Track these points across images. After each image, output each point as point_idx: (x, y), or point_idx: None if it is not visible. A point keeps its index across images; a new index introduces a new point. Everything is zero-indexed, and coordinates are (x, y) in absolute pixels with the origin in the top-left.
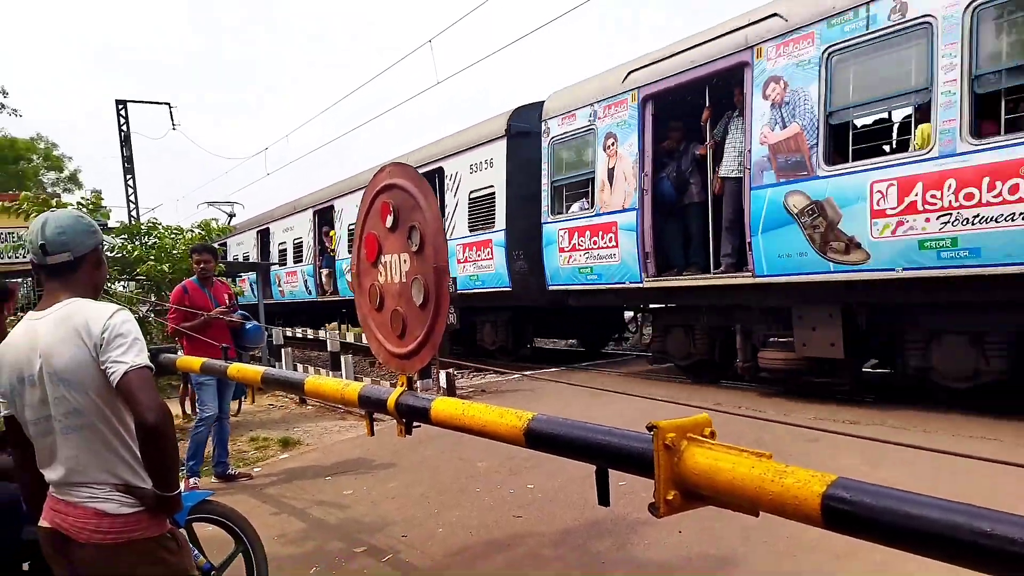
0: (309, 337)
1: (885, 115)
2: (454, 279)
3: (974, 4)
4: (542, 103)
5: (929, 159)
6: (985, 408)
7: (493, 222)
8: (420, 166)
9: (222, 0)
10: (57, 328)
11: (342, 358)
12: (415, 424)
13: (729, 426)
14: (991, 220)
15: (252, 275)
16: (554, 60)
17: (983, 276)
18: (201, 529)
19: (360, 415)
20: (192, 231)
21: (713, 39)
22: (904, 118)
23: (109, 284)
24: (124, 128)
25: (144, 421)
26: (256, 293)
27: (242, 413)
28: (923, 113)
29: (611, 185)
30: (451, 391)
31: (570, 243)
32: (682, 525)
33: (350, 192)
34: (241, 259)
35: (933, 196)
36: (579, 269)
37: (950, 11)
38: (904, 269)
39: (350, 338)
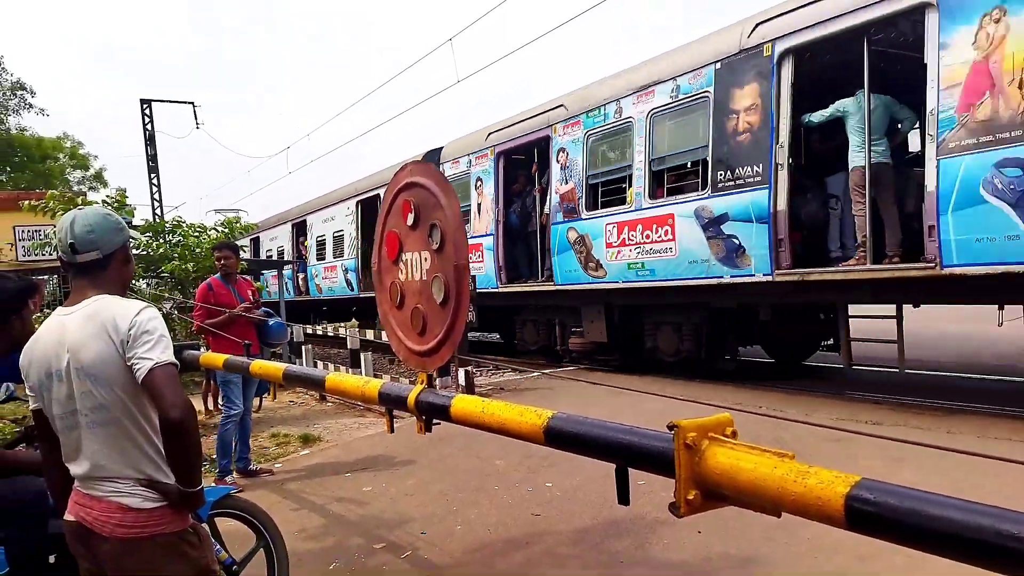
0: (329, 334)
1: (615, 179)
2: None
3: (650, 112)
4: (441, 148)
5: (631, 211)
6: (1010, 411)
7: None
8: (371, 189)
9: (222, 0)
10: (85, 324)
11: (362, 355)
12: (435, 422)
13: (749, 426)
14: (656, 252)
15: (288, 271)
16: (581, 53)
17: (658, 288)
18: (223, 524)
19: (379, 412)
20: (215, 229)
21: (534, 116)
22: (622, 182)
23: (133, 281)
24: (148, 127)
25: (168, 417)
26: (286, 290)
27: (263, 409)
28: (629, 180)
29: (479, 215)
30: (470, 389)
31: None
32: (702, 525)
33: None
34: (276, 254)
35: (632, 234)
36: None
37: (639, 115)
38: (623, 281)
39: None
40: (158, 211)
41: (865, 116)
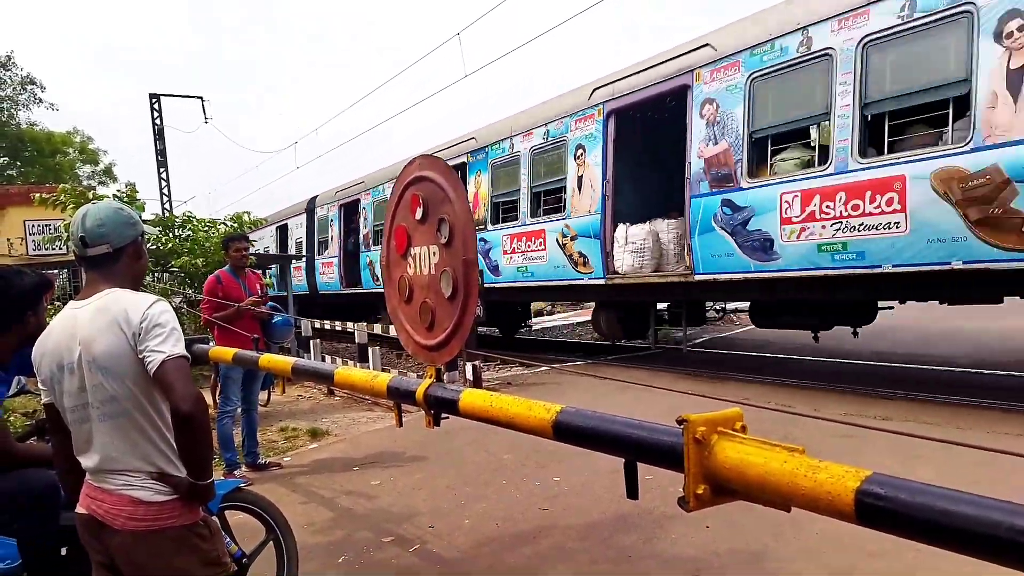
0: (337, 329)
1: (510, 200)
2: (481, 272)
3: (531, 148)
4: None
5: (519, 226)
6: (1021, 407)
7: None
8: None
9: (222, 0)
10: (97, 317)
11: (370, 350)
12: (443, 416)
13: (758, 421)
14: (534, 259)
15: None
16: (581, 53)
17: (535, 287)
18: (232, 517)
19: (387, 407)
20: (224, 224)
21: (455, 144)
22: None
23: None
24: (158, 122)
25: (179, 410)
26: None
27: (272, 404)
28: (518, 204)
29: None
30: (477, 383)
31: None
32: (710, 520)
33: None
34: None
35: (519, 243)
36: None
37: (524, 150)
38: (514, 281)
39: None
40: (167, 206)
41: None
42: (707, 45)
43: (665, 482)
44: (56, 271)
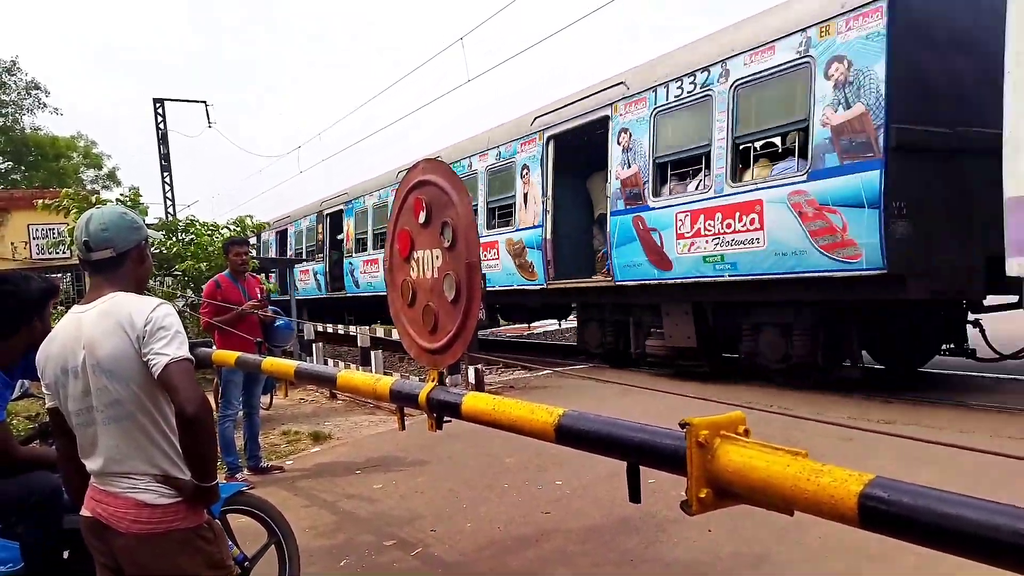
0: (340, 333)
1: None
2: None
3: (487, 167)
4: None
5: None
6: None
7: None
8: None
9: (222, 0)
10: (101, 320)
11: (372, 353)
12: (446, 419)
13: (761, 425)
14: (491, 266)
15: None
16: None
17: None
18: (234, 520)
19: (390, 410)
20: (227, 228)
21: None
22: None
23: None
24: (161, 126)
25: (184, 412)
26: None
27: (274, 407)
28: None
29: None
30: (480, 387)
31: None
32: (712, 524)
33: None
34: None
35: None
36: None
37: (480, 168)
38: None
39: None
40: (171, 210)
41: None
42: (622, 83)
43: (667, 486)
44: (60, 275)
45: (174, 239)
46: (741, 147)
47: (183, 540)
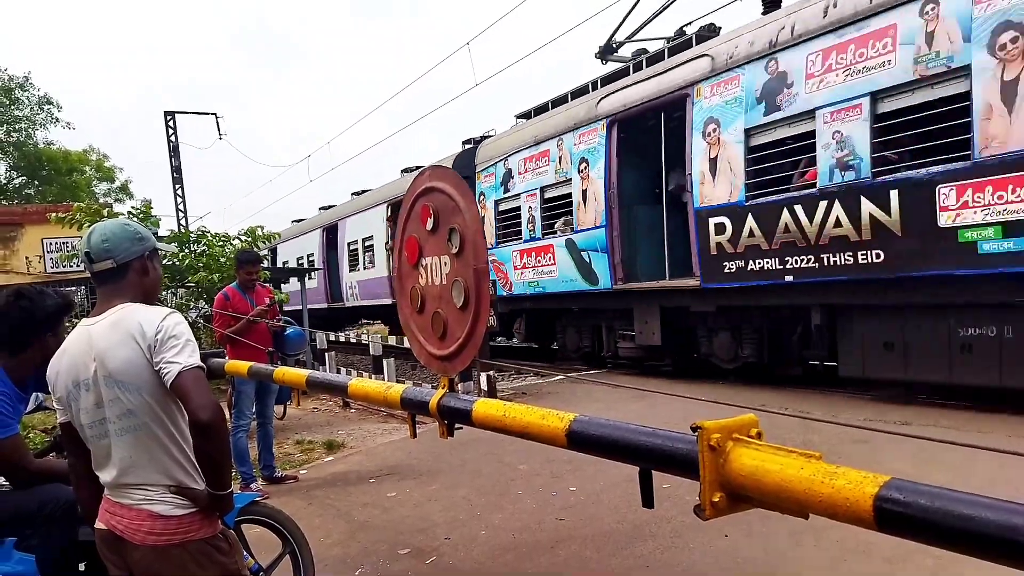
0: (352, 341)
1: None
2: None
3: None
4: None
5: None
6: None
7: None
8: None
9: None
10: (111, 332)
11: (384, 362)
12: (457, 426)
13: (774, 428)
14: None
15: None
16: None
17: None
18: (249, 530)
19: (402, 418)
20: (239, 239)
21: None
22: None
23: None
24: (172, 139)
25: (198, 419)
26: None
27: (288, 416)
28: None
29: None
30: (492, 393)
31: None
32: (728, 528)
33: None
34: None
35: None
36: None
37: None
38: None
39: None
40: (183, 222)
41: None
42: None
43: (681, 491)
44: (74, 288)
45: (186, 251)
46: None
47: (198, 551)
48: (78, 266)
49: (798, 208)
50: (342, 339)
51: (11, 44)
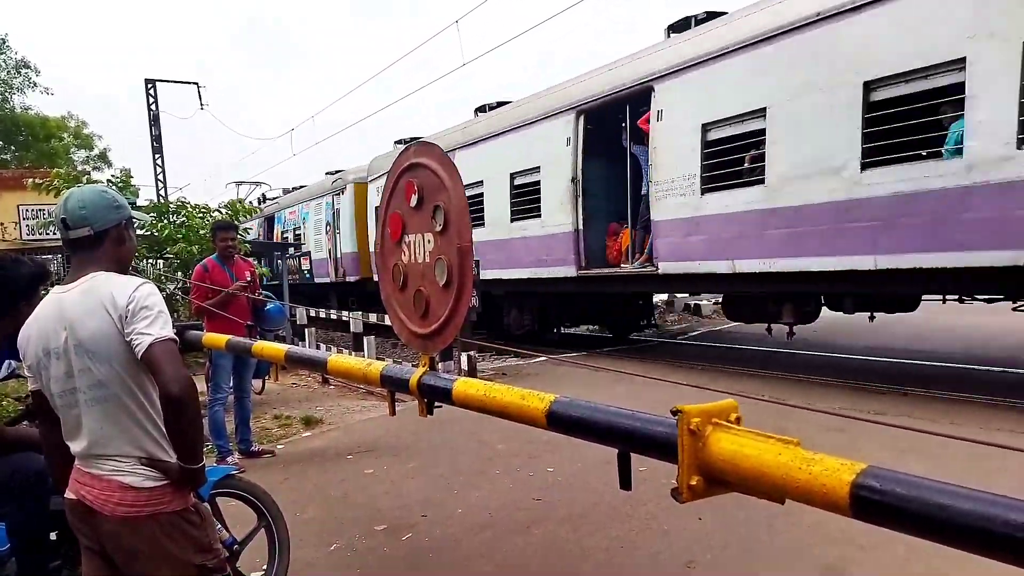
0: (333, 317)
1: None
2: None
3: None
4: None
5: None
6: (1013, 403)
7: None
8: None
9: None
10: (82, 300)
11: (364, 339)
12: (436, 405)
13: (753, 414)
14: None
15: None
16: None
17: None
18: (224, 504)
19: (381, 395)
20: (219, 211)
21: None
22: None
23: (137, 262)
24: (153, 108)
25: (169, 392)
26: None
27: (265, 391)
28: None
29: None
30: (472, 374)
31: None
32: (703, 512)
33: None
34: None
35: None
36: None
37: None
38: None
39: None
40: (162, 192)
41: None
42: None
43: (659, 473)
44: (51, 256)
45: (165, 221)
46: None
47: (169, 524)
48: (55, 234)
49: None
50: (322, 315)
51: (26, 47)
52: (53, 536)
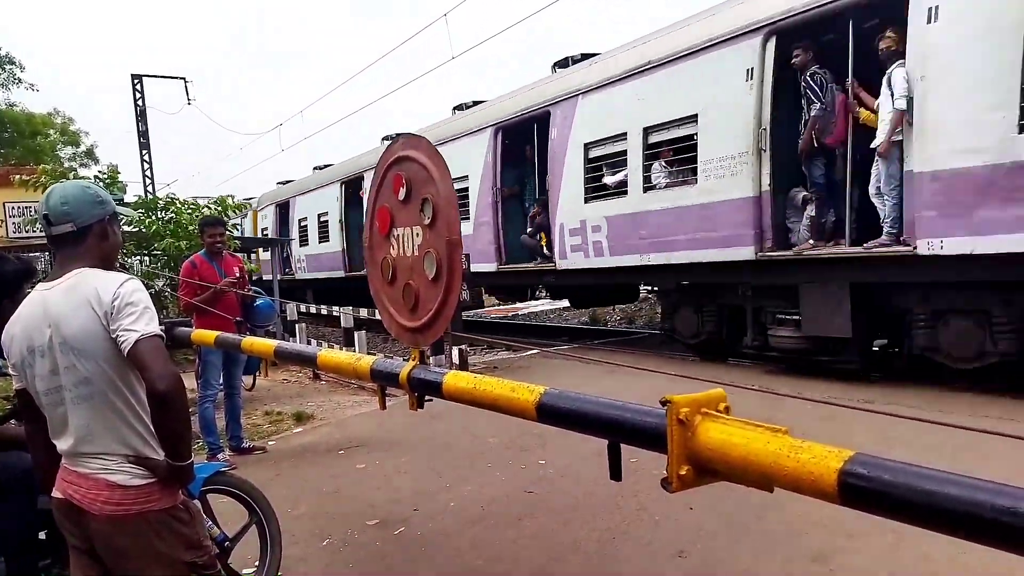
0: (323, 313)
1: None
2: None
3: None
4: None
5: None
6: (1001, 390)
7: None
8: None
9: None
10: (67, 297)
11: (355, 334)
12: (427, 398)
13: (742, 404)
14: None
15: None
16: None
17: None
18: (215, 500)
19: (372, 390)
20: (208, 207)
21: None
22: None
23: (125, 258)
24: (140, 103)
25: (155, 389)
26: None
27: (256, 387)
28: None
29: None
30: (464, 367)
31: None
32: (693, 501)
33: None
34: None
35: None
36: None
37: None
38: None
39: None
40: (150, 188)
41: None
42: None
43: (649, 464)
44: (37, 254)
45: (153, 217)
46: None
47: (158, 522)
48: (41, 231)
49: None
50: (312, 311)
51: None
52: (42, 535)
